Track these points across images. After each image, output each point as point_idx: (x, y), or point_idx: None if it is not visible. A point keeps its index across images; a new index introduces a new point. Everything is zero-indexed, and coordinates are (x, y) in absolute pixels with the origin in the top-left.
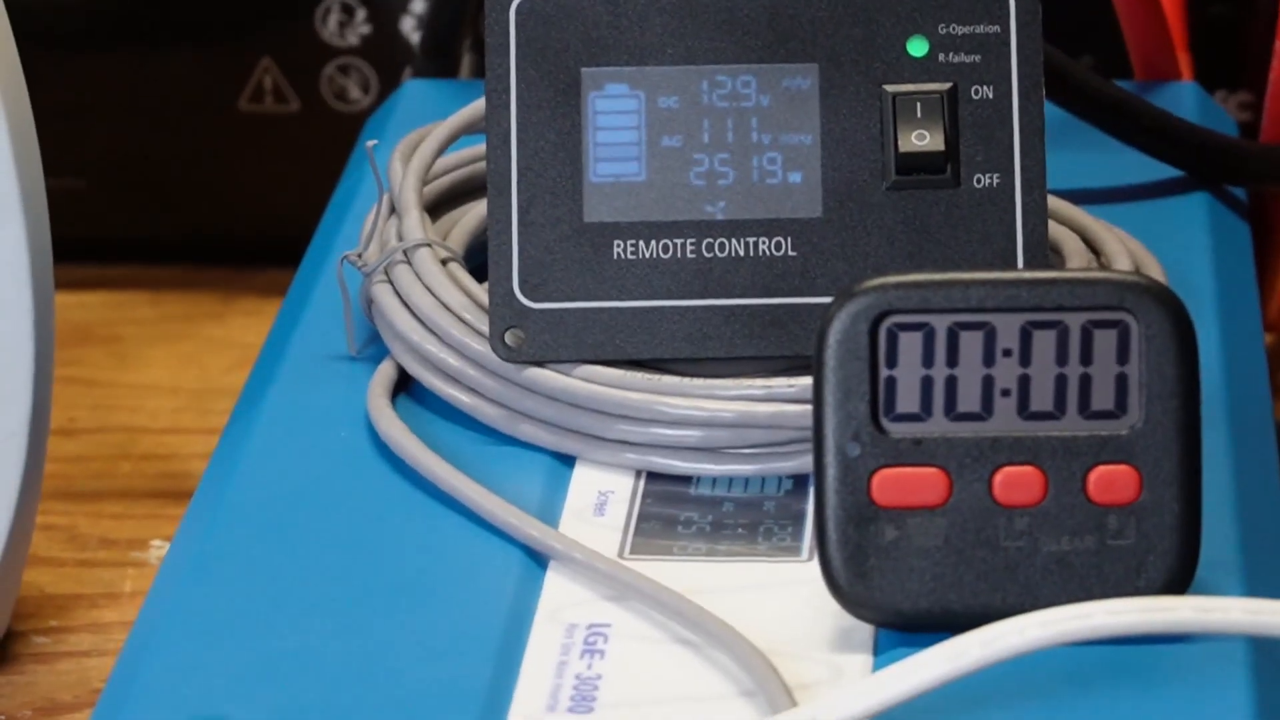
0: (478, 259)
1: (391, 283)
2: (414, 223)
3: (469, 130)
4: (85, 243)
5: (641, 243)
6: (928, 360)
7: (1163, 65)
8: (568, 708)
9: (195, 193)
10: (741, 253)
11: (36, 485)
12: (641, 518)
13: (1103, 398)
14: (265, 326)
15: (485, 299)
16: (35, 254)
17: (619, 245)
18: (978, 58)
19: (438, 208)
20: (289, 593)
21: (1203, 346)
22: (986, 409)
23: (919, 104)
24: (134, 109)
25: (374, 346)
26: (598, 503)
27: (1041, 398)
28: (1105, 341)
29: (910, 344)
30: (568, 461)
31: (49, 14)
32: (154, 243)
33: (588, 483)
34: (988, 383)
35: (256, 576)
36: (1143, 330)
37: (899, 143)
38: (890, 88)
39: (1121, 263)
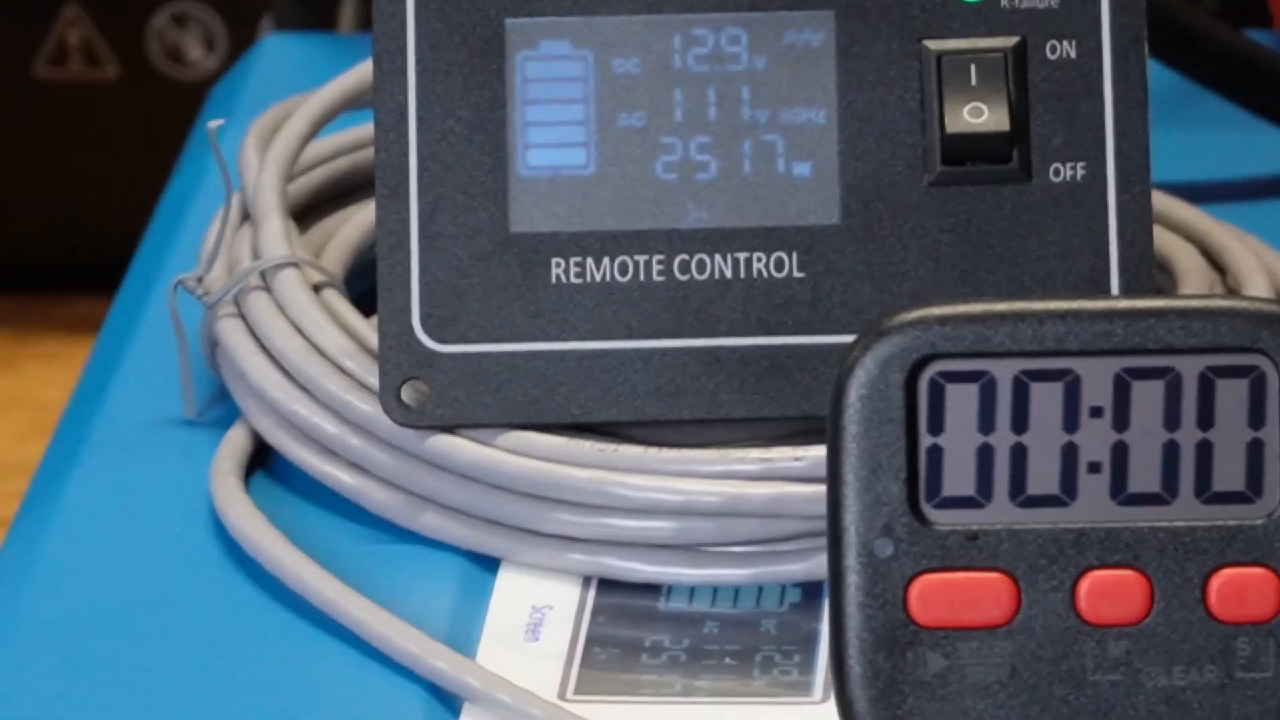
0: (363, 284)
1: (244, 317)
2: (274, 234)
3: (352, 105)
4: None
5: (590, 261)
6: (986, 424)
7: None
8: None
9: None
10: (729, 274)
11: None
12: (591, 643)
13: (1229, 475)
14: (70, 378)
15: (374, 340)
16: None
17: (558, 264)
18: (1055, 1)
19: (308, 213)
20: None
21: None
22: (1068, 491)
23: (973, 67)
24: None
25: (220, 406)
26: (530, 622)
27: (1144, 475)
28: (1233, 396)
29: (962, 401)
30: (489, 565)
31: None
32: None
33: (517, 594)
34: (1070, 454)
35: None
36: None
37: (946, 121)
38: (934, 44)
39: (1257, 285)
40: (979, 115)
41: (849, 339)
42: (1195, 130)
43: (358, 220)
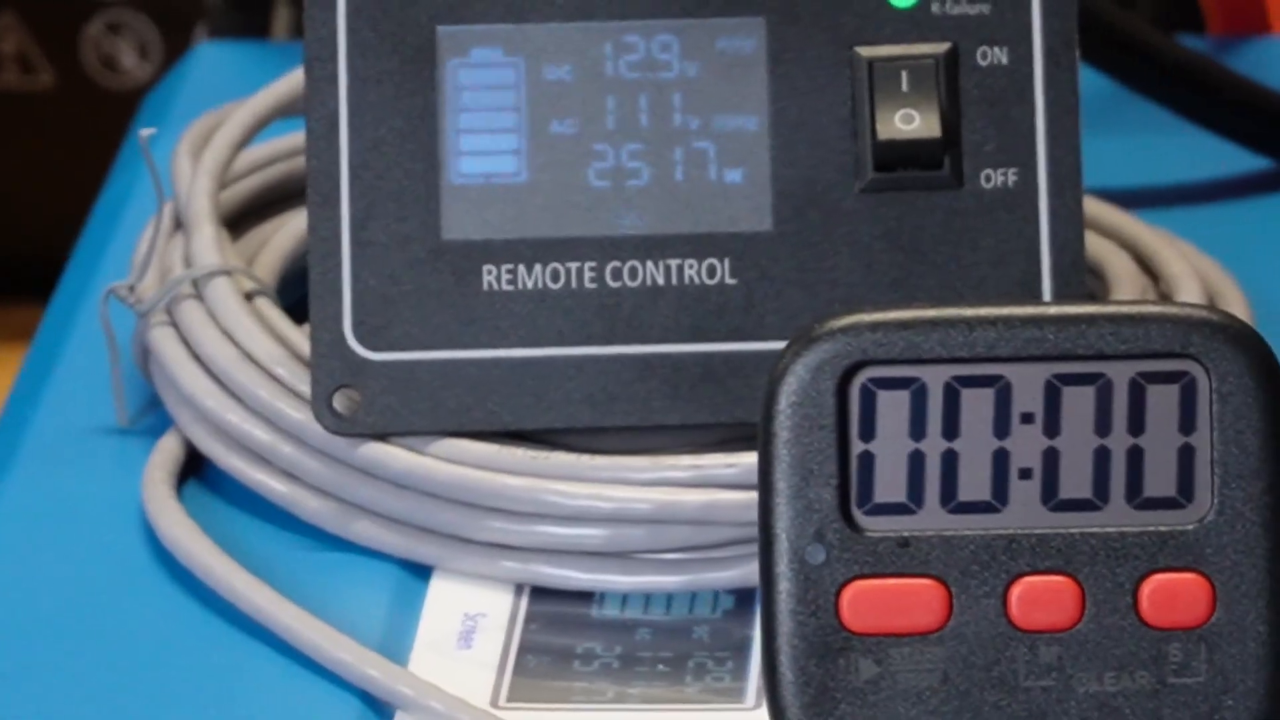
0: (295, 293)
1: (176, 325)
2: (207, 242)
3: (284, 113)
4: None
5: (522, 268)
6: (917, 430)
7: (1247, 12)
8: None
9: None
10: (661, 281)
11: None
12: (523, 650)
13: (1160, 481)
14: (3, 386)
15: (305, 348)
16: None
17: (490, 272)
18: (986, 8)
19: (240, 222)
20: None
21: None
22: (999, 497)
23: (905, 73)
24: None
25: (152, 414)
26: (463, 630)
27: (1075, 481)
28: (1164, 402)
29: (893, 407)
30: (421, 573)
31: None
32: None
33: (449, 602)
34: (1000, 460)
35: None
36: (1215, 386)
37: (877, 128)
38: (865, 51)
39: (1188, 291)
40: (910, 122)
41: (781, 345)
42: (1127, 135)
43: (291, 228)
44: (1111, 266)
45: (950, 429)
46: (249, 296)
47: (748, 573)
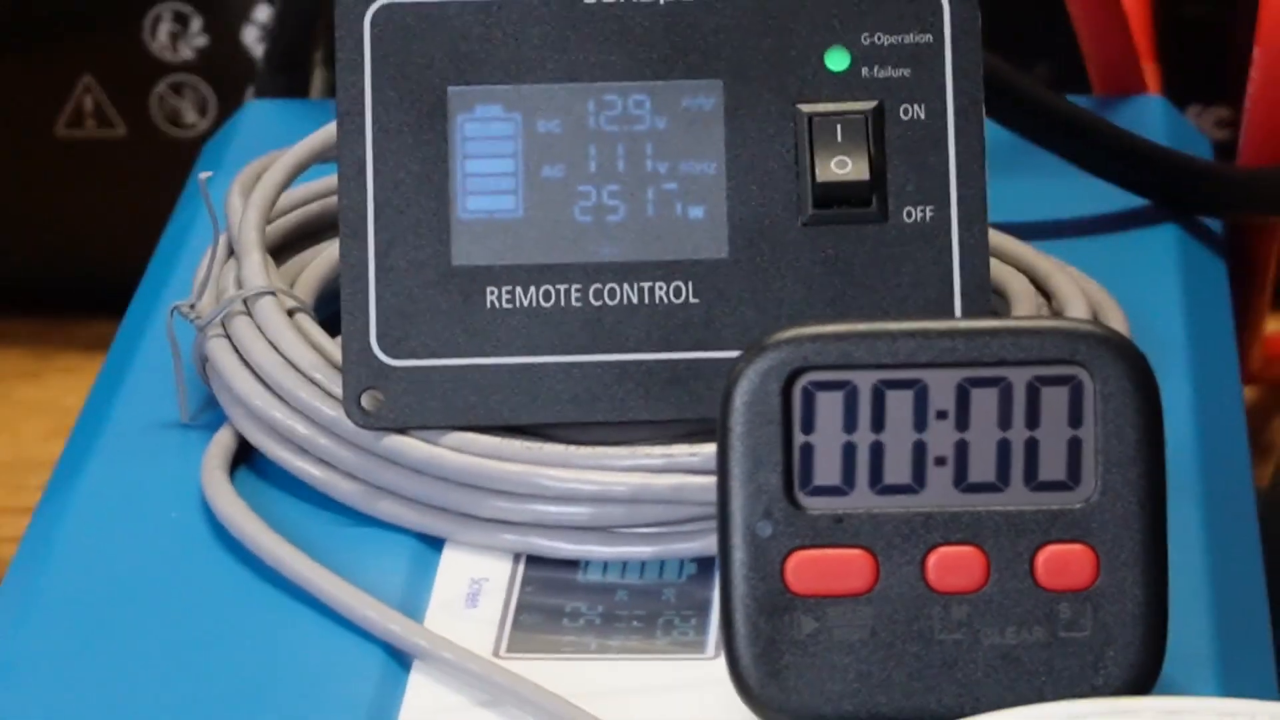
0: (330, 309)
1: (229, 337)
2: (255, 267)
3: (320, 158)
4: None
5: (519, 289)
6: (850, 424)
7: (1126, 77)
8: None
9: (5, 232)
10: (635, 300)
11: None
12: (521, 609)
13: (1052, 466)
14: (86, 388)
15: (338, 356)
16: None
17: (493, 292)
18: (907, 72)
19: (283, 250)
20: (112, 703)
21: (1172, 405)
22: (918, 480)
23: (839, 126)
24: None
25: (210, 412)
26: (470, 592)
27: (982, 467)
28: (1055, 401)
29: (829, 406)
30: (435, 545)
31: None
32: None
33: (458, 569)
34: (919, 450)
35: (74, 682)
36: (1099, 388)
37: (816, 171)
38: (806, 107)
39: (1076, 308)
40: (844, 167)
41: (736, 354)
42: (1025, 178)
43: (325, 255)
44: (1012, 287)
45: (877, 424)
46: (291, 313)
47: (709, 544)
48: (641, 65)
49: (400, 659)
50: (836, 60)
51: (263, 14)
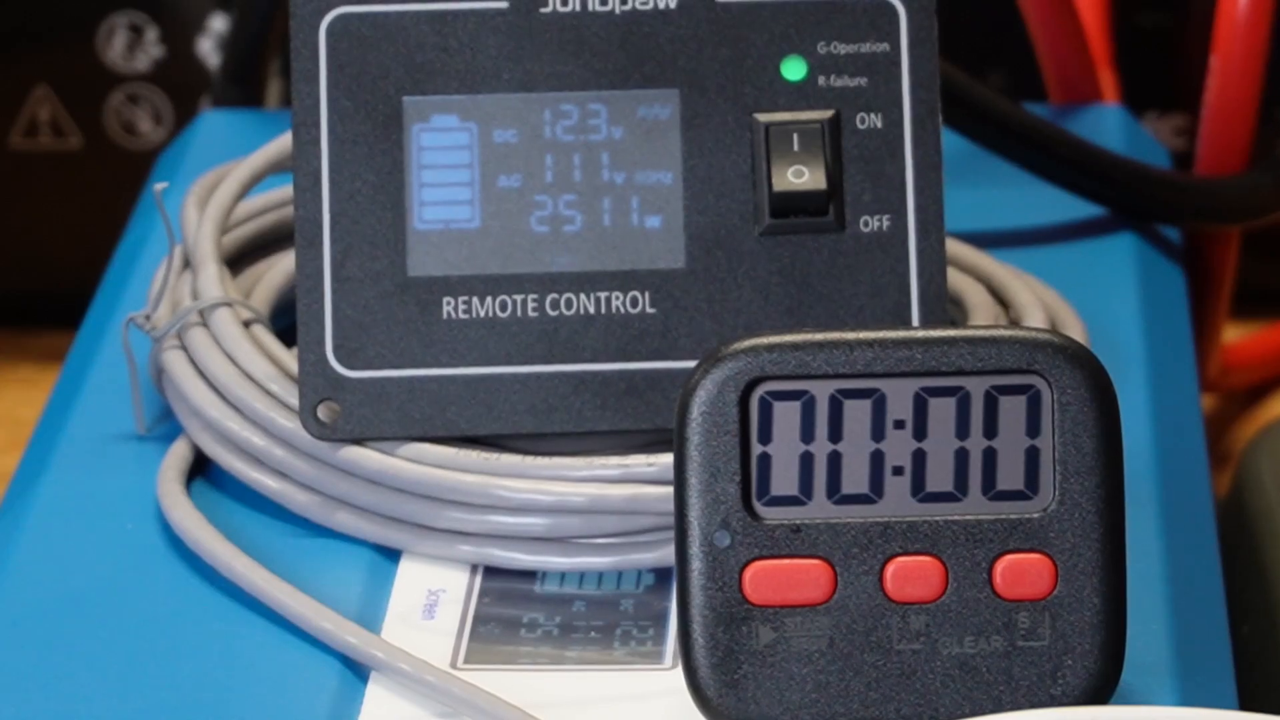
0: (286, 320)
1: (185, 349)
2: (211, 278)
3: (276, 169)
4: None
5: (475, 300)
6: (807, 434)
7: (1082, 85)
8: None
9: None
10: (592, 310)
11: None
12: (478, 620)
13: (1010, 476)
14: (42, 400)
15: (294, 367)
16: None
17: (449, 303)
18: (863, 81)
19: (239, 261)
20: (68, 716)
21: (1130, 414)
22: (876, 490)
23: (796, 135)
24: None
25: (166, 424)
26: (427, 603)
27: (939, 477)
28: (1013, 410)
29: (787, 415)
30: (392, 556)
31: None
32: None
33: (415, 580)
34: (877, 460)
35: (30, 695)
36: (1056, 397)
37: (773, 181)
38: (763, 117)
39: (1033, 317)
40: (801, 176)
41: (693, 364)
42: (982, 187)
43: (281, 266)
44: (969, 297)
45: (835, 433)
46: (246, 324)
47: (666, 555)
48: (598, 75)
49: (357, 670)
50: (793, 70)
51: (219, 24)
